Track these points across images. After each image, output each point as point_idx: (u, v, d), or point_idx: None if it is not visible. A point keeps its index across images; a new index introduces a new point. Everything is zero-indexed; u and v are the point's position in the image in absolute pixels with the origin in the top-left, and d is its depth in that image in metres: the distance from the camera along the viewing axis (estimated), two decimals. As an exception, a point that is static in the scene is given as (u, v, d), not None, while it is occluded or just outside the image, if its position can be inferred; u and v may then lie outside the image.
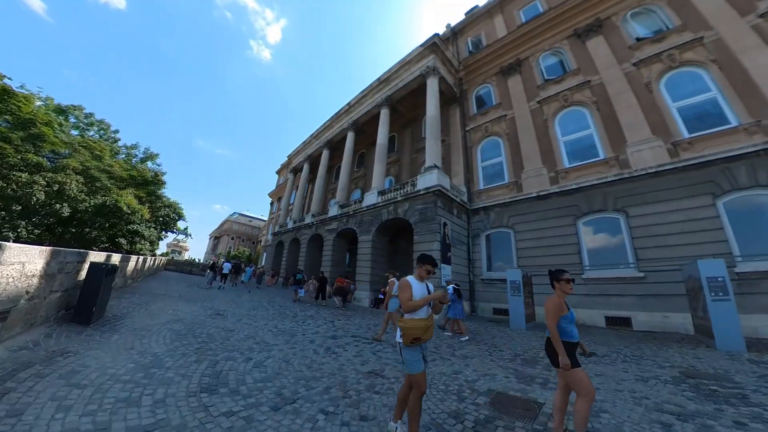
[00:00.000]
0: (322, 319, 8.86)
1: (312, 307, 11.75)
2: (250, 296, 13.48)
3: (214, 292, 14.12)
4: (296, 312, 9.75)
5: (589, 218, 10.82)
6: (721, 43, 9.55)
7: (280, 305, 11.25)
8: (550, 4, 14.90)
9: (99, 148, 19.45)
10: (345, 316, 9.96)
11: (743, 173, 8.34)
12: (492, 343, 6.81)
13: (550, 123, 13.00)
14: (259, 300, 12.34)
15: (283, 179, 41.57)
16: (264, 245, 41.89)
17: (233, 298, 12.08)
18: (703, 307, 6.94)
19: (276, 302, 12.19)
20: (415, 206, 13.08)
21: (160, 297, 9.96)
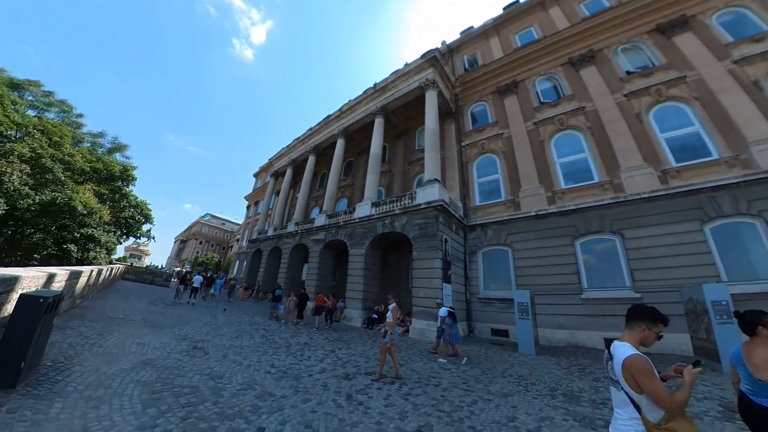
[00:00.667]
0: (319, 347, 8.01)
1: (300, 329, 10.84)
2: (226, 315, 12.21)
3: (184, 309, 12.66)
4: (287, 339, 8.73)
5: (586, 239, 11.27)
6: (702, 83, 10.66)
7: (264, 328, 10.24)
8: (544, 32, 15.94)
9: (58, 134, 16.81)
10: (342, 341, 9.20)
11: (726, 202, 9.16)
12: (517, 374, 6.54)
13: (546, 144, 13.62)
14: (237, 321, 11.19)
15: (261, 183, 39.86)
16: (237, 252, 39.38)
17: (208, 319, 10.73)
18: (706, 329, 7.30)
19: (258, 324, 11.13)
20: (415, 221, 12.86)
21: (118, 323, 8.17)
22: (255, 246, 26.48)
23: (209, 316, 11.66)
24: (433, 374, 6.38)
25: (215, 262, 61.59)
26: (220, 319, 11.06)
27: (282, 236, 22.41)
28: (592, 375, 6.62)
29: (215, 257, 66.03)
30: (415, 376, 6.09)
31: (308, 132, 24.78)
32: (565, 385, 5.79)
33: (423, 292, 11.39)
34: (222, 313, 12.96)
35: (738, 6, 10.89)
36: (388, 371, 6.11)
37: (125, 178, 20.33)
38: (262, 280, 23.12)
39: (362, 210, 15.76)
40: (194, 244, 79.05)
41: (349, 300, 14.55)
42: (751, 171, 9.02)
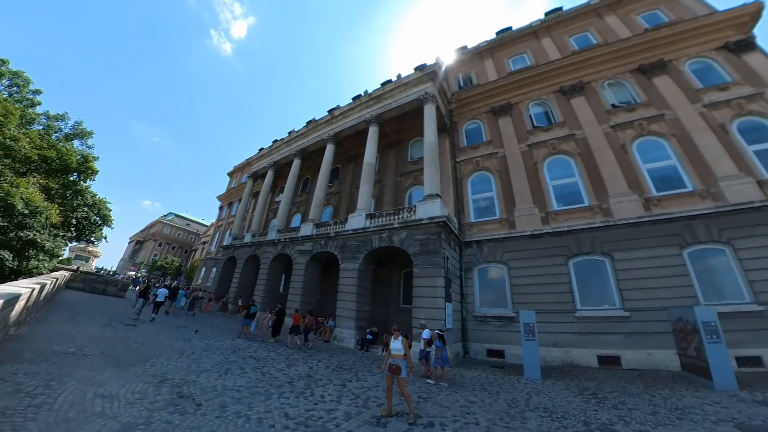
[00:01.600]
0: (327, 381, 7.35)
1: (294, 357, 10.06)
2: (201, 338, 11.06)
3: (149, 330, 11.32)
4: (285, 372, 7.84)
5: (579, 259, 12.08)
6: (678, 121, 12.17)
7: (253, 356, 9.24)
8: (537, 60, 17.22)
9: (1, 111, 14.17)
10: (345, 369, 8.68)
11: (701, 230, 10.41)
12: (542, 406, 6.50)
13: (539, 166, 14.53)
14: (217, 346, 10.06)
15: (236, 183, 37.79)
16: (205, 257, 36.40)
17: (182, 345, 9.50)
18: (696, 348, 8.11)
19: (241, 348, 10.20)
20: (415, 236, 12.86)
21: (70, 361, 6.39)
22: (228, 252, 24.69)
23: (181, 340, 10.37)
24: (462, 408, 6.26)
25: (176, 266, 56.13)
26: (196, 345, 9.88)
27: (261, 244, 21.14)
28: (608, 401, 6.93)
29: (176, 261, 60.19)
30: (445, 413, 5.92)
31: (294, 134, 23.97)
32: (594, 416, 5.99)
33: (425, 312, 11.30)
34: (194, 335, 11.63)
35: (706, 57, 12.73)
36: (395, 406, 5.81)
37: (83, 170, 17.50)
38: (236, 291, 21.48)
39: (356, 221, 15.44)
40: (152, 246, 72.77)
41: (340, 319, 13.99)
42: (721, 203, 10.39)
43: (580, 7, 16.92)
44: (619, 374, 9.44)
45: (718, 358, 7.54)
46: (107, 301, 17.16)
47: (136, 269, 61.48)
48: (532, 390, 7.94)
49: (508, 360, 11.83)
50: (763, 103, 10.93)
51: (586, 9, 16.68)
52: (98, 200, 19.28)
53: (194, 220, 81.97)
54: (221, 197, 39.80)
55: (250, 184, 27.79)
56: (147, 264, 63.98)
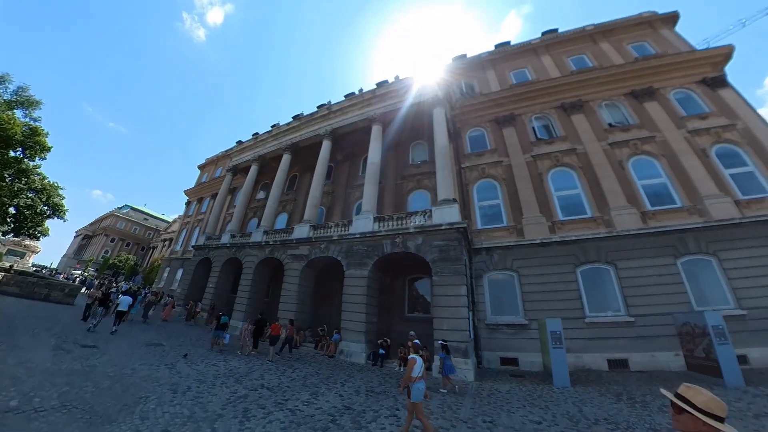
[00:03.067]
0: (374, 413, 6.65)
1: (308, 376, 9.36)
2: (189, 364, 9.50)
3: (114, 351, 9.75)
4: (321, 408, 6.77)
5: (585, 267, 13.05)
6: (666, 144, 13.88)
7: (265, 385, 8.07)
8: (538, 76, 18.47)
9: None
10: (386, 394, 8.04)
11: (692, 242, 11.92)
12: (602, 417, 6.79)
13: (544, 177, 15.49)
14: (212, 373, 8.78)
15: (208, 177, 35.10)
16: (169, 257, 32.56)
17: (167, 375, 7.95)
18: (704, 349, 9.19)
19: (242, 374, 8.99)
20: (433, 242, 12.81)
21: (11, 428, 4.44)
22: (201, 254, 22.27)
23: (163, 366, 8.77)
24: (535, 428, 6.27)
25: (131, 265, 50.71)
26: (185, 373, 8.42)
27: (244, 246, 19.41)
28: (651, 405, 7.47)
29: (131, 259, 54.39)
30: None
31: (283, 127, 22.59)
32: (652, 421, 6.42)
33: (447, 323, 11.24)
34: (180, 358, 10.06)
35: (688, 89, 14.79)
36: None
37: (30, 146, 13.96)
38: (212, 298, 19.36)
39: (362, 224, 14.93)
40: (103, 241, 65.90)
41: (345, 332, 13.27)
42: (706, 219, 12.03)
43: (576, 31, 18.65)
44: (633, 377, 10.29)
45: (727, 357, 8.61)
46: (52, 310, 14.23)
47: (82, 267, 53.60)
48: (574, 399, 8.26)
49: (522, 367, 12.26)
50: (736, 133, 13.00)
51: (582, 33, 18.44)
52: (48, 185, 15.70)
53: (153, 214, 76.23)
54: (190, 192, 36.79)
55: (228, 179, 25.45)
56: (96, 262, 56.76)
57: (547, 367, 11.09)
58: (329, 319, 16.22)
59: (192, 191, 36.41)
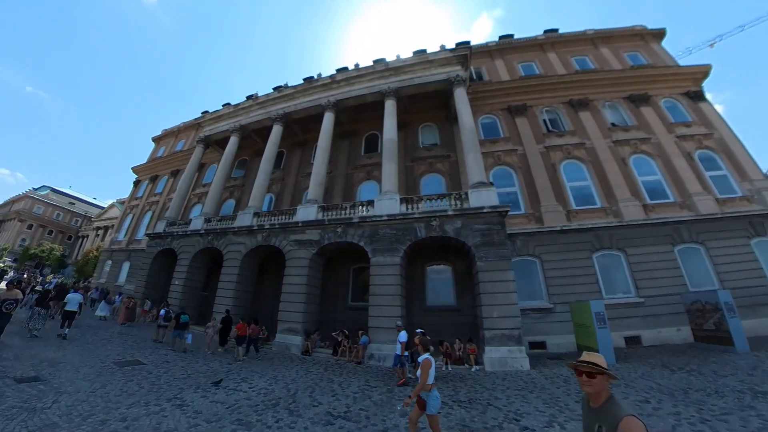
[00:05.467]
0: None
1: (366, 404, 8.46)
2: (198, 389, 7.46)
3: (67, 376, 7.54)
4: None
5: (600, 253, 14.48)
6: (660, 146, 16.13)
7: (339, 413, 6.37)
8: (545, 70, 19.64)
9: None
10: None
11: (685, 232, 14.15)
12: (693, 388, 7.56)
13: (557, 167, 16.65)
14: (244, 397, 7.14)
15: (166, 151, 29.90)
16: (111, 248, 26.78)
17: (195, 425, 5.53)
18: (715, 323, 10.98)
19: (273, 394, 7.30)
20: (473, 225, 12.67)
21: None
22: (161, 243, 18.32)
23: (173, 405, 6.32)
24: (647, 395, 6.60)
25: (57, 256, 45.15)
26: (214, 413, 6.08)
27: (226, 232, 16.59)
28: (704, 375, 8.63)
29: (57, 249, 47.68)
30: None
31: (275, 94, 19.78)
32: (712, 382, 7.44)
33: (497, 310, 11.24)
34: (188, 392, 7.42)
35: (675, 99, 17.41)
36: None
37: None
38: (181, 297, 16.09)
39: (387, 205, 14.01)
40: (17, 228, 56.67)
41: (375, 331, 12.03)
42: (694, 213, 14.37)
43: (578, 33, 20.38)
44: (650, 351, 11.81)
45: (737, 328, 10.43)
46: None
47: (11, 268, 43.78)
48: (636, 374, 9.05)
49: (550, 350, 13.09)
50: (713, 142, 15.80)
51: (584, 36, 20.21)
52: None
53: (81, 197, 68.92)
54: (141, 168, 30.96)
55: (199, 152, 21.32)
56: (12, 251, 49.01)
57: (582, 347, 12.01)
58: (333, 320, 14.97)
59: (144, 168, 30.55)
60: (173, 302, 16.03)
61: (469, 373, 10.27)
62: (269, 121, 19.90)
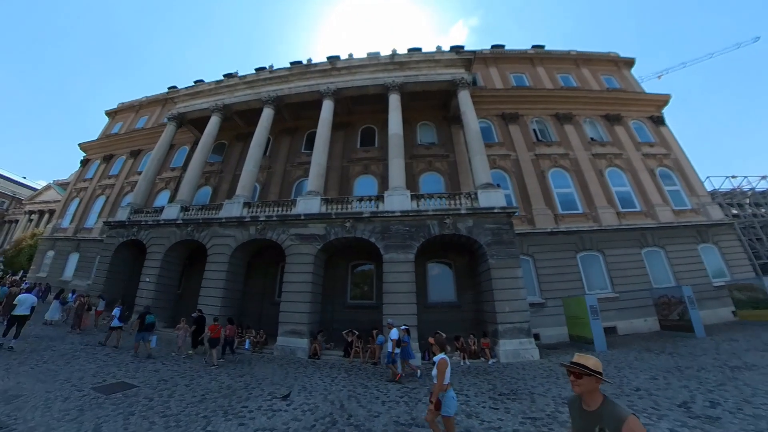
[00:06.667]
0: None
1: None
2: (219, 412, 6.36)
3: (36, 395, 6.65)
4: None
5: (583, 253, 16.47)
6: (630, 161, 18.79)
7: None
8: (534, 83, 21.54)
9: None
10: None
11: (650, 237, 16.75)
12: (674, 366, 9.23)
13: (546, 174, 18.46)
14: (280, 423, 6.01)
15: (125, 126, 26.76)
16: (53, 236, 22.69)
17: None
18: (679, 313, 13.29)
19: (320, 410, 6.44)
20: (485, 224, 13.55)
21: None
22: (126, 234, 16.16)
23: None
24: (652, 375, 7.94)
25: None
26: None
27: (210, 223, 15.23)
28: (680, 356, 10.53)
29: None
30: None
31: (266, 74, 18.67)
32: (707, 362, 9.23)
33: (509, 305, 12.19)
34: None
35: (641, 121, 20.35)
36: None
37: None
38: (153, 297, 14.45)
39: (398, 201, 14.27)
40: None
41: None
42: (656, 222, 17.10)
43: (563, 53, 22.73)
44: (625, 339, 13.84)
45: (696, 318, 12.78)
46: None
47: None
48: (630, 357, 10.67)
49: (543, 341, 14.52)
50: (670, 161, 18.92)
51: (568, 56, 22.60)
52: None
53: (8, 176, 59.75)
54: (92, 145, 27.19)
55: (171, 131, 19.13)
56: None
57: (574, 338, 13.65)
58: (332, 320, 14.81)
59: (95, 145, 26.86)
60: (143, 303, 14.35)
61: (488, 366, 11.03)
62: (258, 103, 18.75)
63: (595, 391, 2.07)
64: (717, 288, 15.55)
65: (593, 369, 2.05)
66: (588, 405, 2.09)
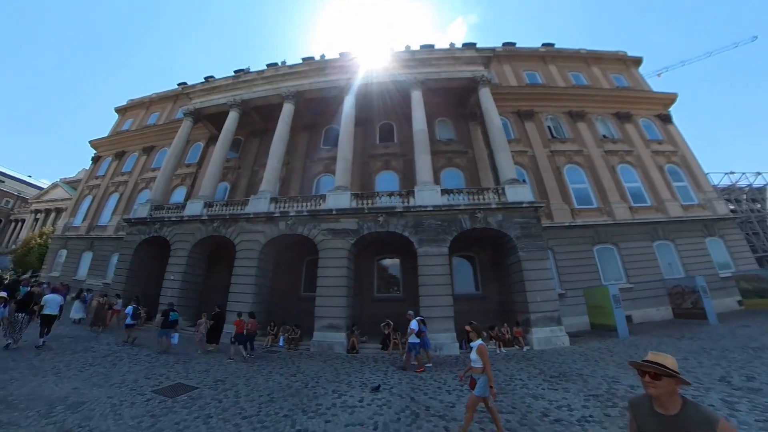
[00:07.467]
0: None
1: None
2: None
3: (98, 401, 6.50)
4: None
5: (599, 246, 17.45)
6: (640, 158, 19.84)
7: None
8: (547, 81, 22.32)
9: None
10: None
11: (660, 231, 17.86)
12: (701, 349, 10.15)
13: (562, 170, 19.34)
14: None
15: (135, 123, 26.53)
16: (65, 235, 22.61)
17: None
18: (693, 302, 14.38)
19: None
20: (514, 218, 14.25)
21: None
22: (148, 231, 16.13)
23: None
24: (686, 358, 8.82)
25: None
26: None
27: (237, 219, 15.45)
28: (699, 339, 11.53)
29: None
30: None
31: (285, 69, 18.85)
32: (730, 345, 10.17)
33: (540, 295, 12.93)
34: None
35: (650, 119, 21.42)
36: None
37: None
38: (178, 296, 14.66)
39: (428, 196, 14.82)
40: None
41: (430, 321, 12.33)
42: (666, 216, 18.21)
43: (574, 51, 23.59)
44: (643, 327, 14.90)
45: (709, 306, 13.86)
46: None
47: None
48: (663, 343, 11.60)
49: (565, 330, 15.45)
50: (678, 158, 20.06)
51: (578, 54, 23.46)
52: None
53: (13, 175, 60.86)
54: (101, 143, 27.12)
55: (187, 126, 19.03)
56: None
57: (596, 326, 14.58)
58: (360, 314, 15.26)
59: (106, 142, 26.77)
60: (167, 301, 14.49)
61: (524, 353, 11.78)
62: (277, 98, 18.91)
63: (675, 393, 1.91)
64: (723, 279, 16.75)
65: (673, 369, 1.89)
66: (665, 408, 1.92)
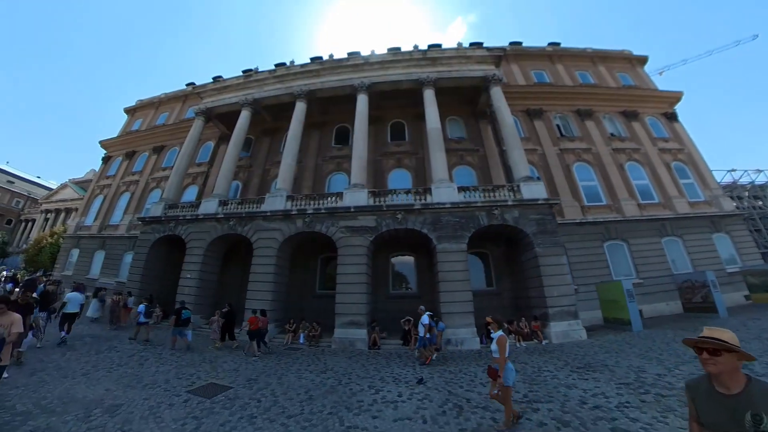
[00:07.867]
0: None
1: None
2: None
3: (134, 404, 6.36)
4: None
5: (609, 243, 17.87)
6: (647, 155, 20.31)
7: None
8: (555, 80, 22.71)
9: None
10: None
11: (669, 227, 18.33)
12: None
13: (571, 168, 19.73)
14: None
15: (144, 123, 26.79)
16: (76, 234, 23.02)
17: None
18: (703, 296, 14.83)
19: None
20: (530, 215, 14.58)
21: None
22: (162, 229, 16.17)
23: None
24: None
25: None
26: None
27: (254, 217, 15.60)
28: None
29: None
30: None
31: (297, 68, 19.03)
32: (741, 335, 10.60)
33: (557, 290, 13.29)
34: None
35: (656, 117, 21.91)
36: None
37: None
38: (195, 294, 14.85)
39: (445, 193, 15.10)
40: None
41: (449, 317, 12.93)
42: (673, 212, 18.69)
43: (580, 50, 24.01)
44: (654, 320, 15.31)
45: (719, 300, 14.32)
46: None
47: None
48: (675, 336, 11.98)
49: (577, 324, 15.85)
50: (684, 156, 20.57)
51: (585, 53, 23.90)
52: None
53: (23, 176, 62.87)
54: (112, 143, 27.44)
55: (199, 126, 19.12)
56: None
57: (609, 320, 14.97)
58: (375, 310, 15.39)
59: (116, 142, 27.01)
60: (185, 299, 14.58)
61: (544, 346, 12.11)
62: (289, 97, 19.05)
63: (736, 370, 1.80)
64: (730, 274, 17.25)
65: (733, 343, 1.78)
66: (727, 387, 1.80)
